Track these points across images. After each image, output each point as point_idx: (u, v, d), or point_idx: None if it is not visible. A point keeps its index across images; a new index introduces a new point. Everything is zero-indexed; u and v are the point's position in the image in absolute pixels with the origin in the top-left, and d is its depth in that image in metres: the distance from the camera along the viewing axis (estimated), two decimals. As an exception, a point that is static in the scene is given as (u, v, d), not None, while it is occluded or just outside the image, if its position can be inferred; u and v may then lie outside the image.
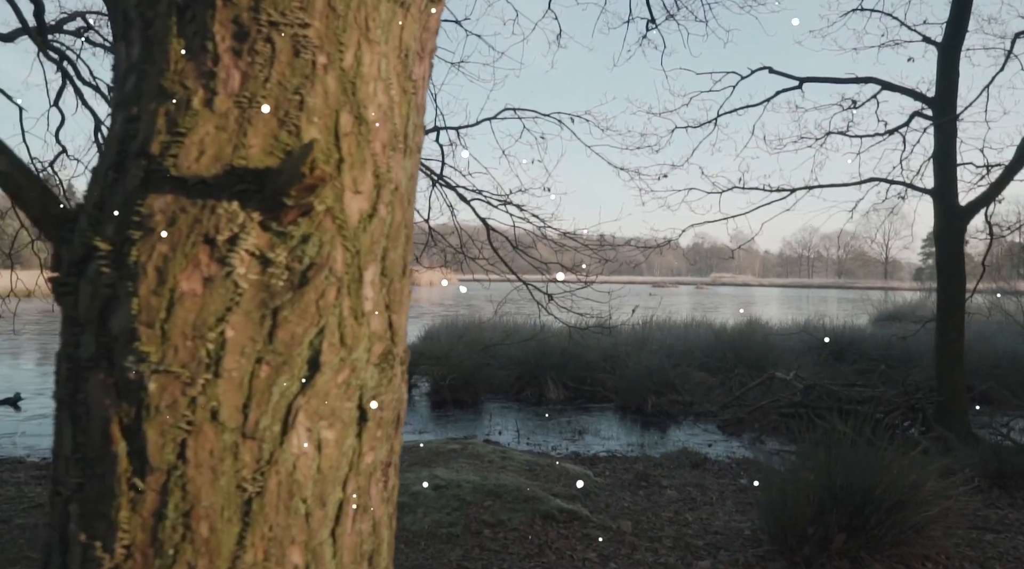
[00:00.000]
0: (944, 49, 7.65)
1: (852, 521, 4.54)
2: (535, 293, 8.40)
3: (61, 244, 0.92)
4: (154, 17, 0.89)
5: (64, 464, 0.88)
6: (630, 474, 6.78)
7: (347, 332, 0.91)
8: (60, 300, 0.90)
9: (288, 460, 0.88)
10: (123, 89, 0.91)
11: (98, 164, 0.92)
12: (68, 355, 0.88)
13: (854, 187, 8.92)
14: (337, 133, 0.91)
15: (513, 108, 7.66)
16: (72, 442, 0.87)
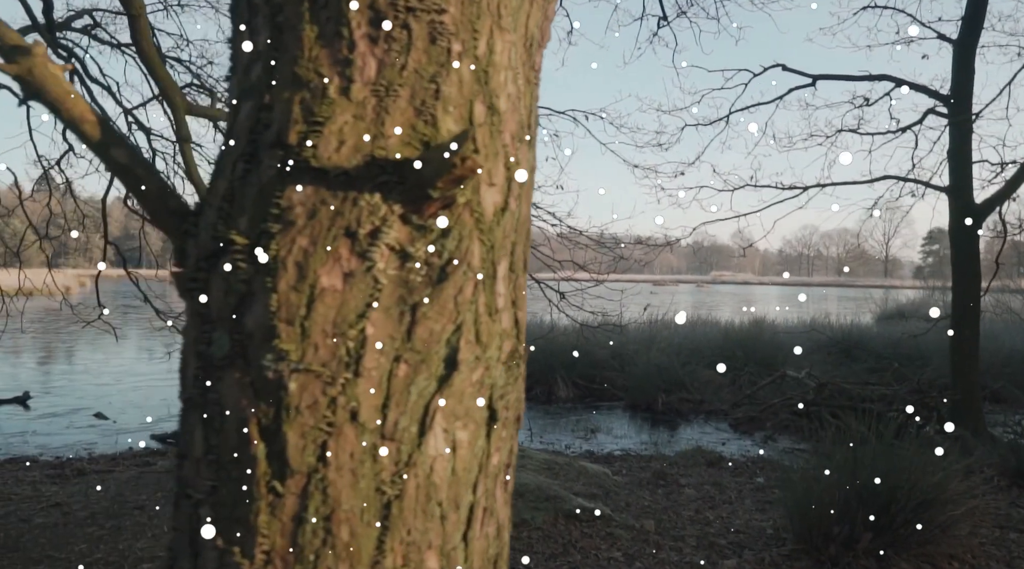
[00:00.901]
0: (959, 46, 7.62)
1: (878, 520, 4.52)
2: (547, 291, 8.37)
3: (185, 238, 0.89)
4: (283, 3, 0.86)
5: (194, 466, 0.85)
6: (647, 473, 6.76)
7: (482, 329, 0.88)
8: (187, 296, 0.87)
9: (426, 462, 0.85)
10: (248, 78, 0.88)
11: (221, 155, 0.89)
12: (199, 353, 0.84)
13: (866, 185, 8.91)
14: (472, 123, 0.88)
15: (527, 105, 7.59)
16: (204, 443, 0.84)
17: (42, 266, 9.90)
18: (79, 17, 9.27)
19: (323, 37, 0.84)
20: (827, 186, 8.81)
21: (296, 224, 0.81)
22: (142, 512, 5.18)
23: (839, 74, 8.56)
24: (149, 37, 5.77)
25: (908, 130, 8.87)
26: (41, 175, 10.64)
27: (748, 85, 9.01)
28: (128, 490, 5.77)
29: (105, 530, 4.83)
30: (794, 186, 8.89)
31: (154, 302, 8.60)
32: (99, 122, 0.90)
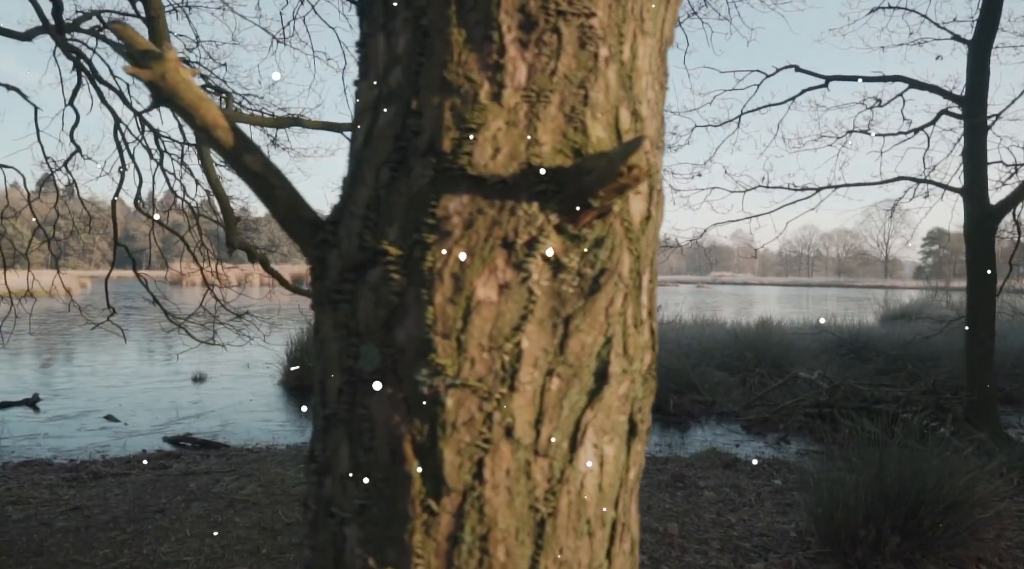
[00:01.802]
0: (974, 46, 7.61)
1: (906, 523, 4.51)
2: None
3: (323, 248, 0.86)
4: (426, 6, 0.83)
5: (339, 484, 0.82)
6: (665, 475, 6.74)
7: (629, 341, 0.86)
8: (328, 307, 0.84)
9: (577, 478, 0.83)
10: (386, 82, 0.86)
11: (357, 162, 0.87)
12: (345, 368, 0.82)
13: (877, 186, 8.90)
14: (618, 130, 0.86)
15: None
16: (350, 461, 0.81)
17: (41, 267, 9.83)
18: (87, 18, 9.24)
19: (471, 41, 0.81)
20: (840, 187, 8.80)
21: (452, 234, 0.78)
22: (163, 516, 5.15)
23: (852, 75, 8.55)
24: (167, 39, 5.74)
25: (920, 131, 8.86)
26: (42, 176, 10.60)
27: (760, 86, 9.00)
28: (147, 493, 5.74)
29: (128, 534, 4.80)
30: (806, 187, 8.88)
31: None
32: (232, 128, 0.88)
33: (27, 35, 8.13)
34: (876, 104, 9.09)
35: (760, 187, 9.16)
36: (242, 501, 5.45)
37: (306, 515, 0.88)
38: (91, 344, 16.41)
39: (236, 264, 10.60)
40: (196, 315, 8.98)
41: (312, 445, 0.89)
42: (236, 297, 9.54)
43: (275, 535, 4.80)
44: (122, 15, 9.66)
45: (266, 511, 5.23)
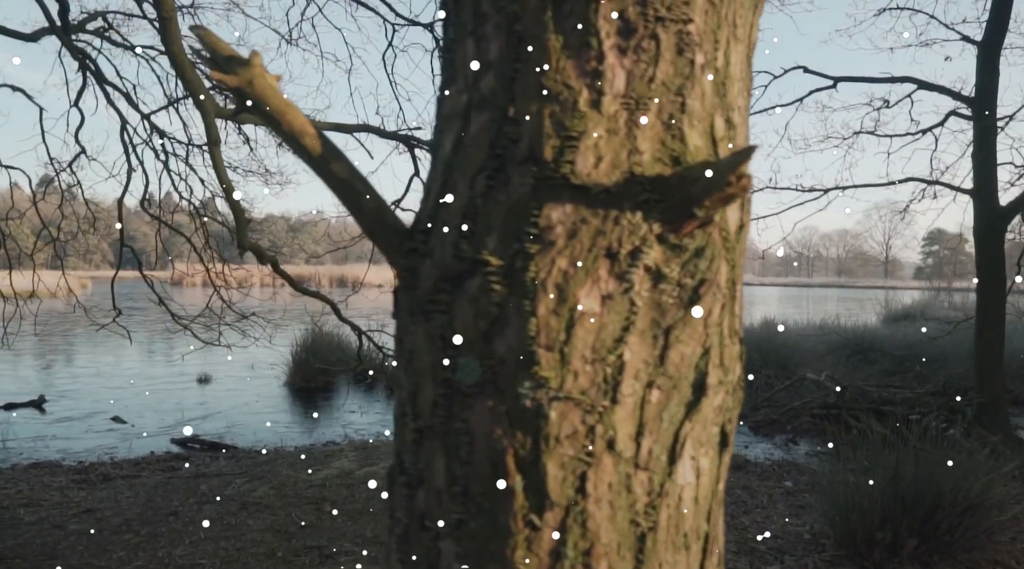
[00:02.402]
0: (984, 48, 7.61)
1: (923, 526, 4.50)
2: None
3: (414, 257, 0.85)
4: (521, 12, 0.82)
5: (434, 497, 0.81)
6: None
7: (725, 352, 0.85)
8: (421, 317, 0.83)
9: (675, 491, 0.81)
10: (477, 88, 0.84)
11: (447, 169, 0.85)
12: (441, 380, 0.80)
13: (884, 187, 8.89)
14: (713, 138, 0.84)
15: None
16: (447, 474, 0.80)
17: (41, 268, 9.80)
18: (93, 19, 9.22)
19: (569, 47, 0.80)
20: (848, 188, 8.80)
21: (556, 244, 0.77)
22: (176, 518, 5.13)
23: (861, 76, 8.55)
24: (180, 40, 5.72)
25: (928, 132, 8.86)
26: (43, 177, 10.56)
27: (768, 87, 9.00)
28: (158, 496, 5.72)
29: (141, 537, 4.78)
30: (814, 188, 8.87)
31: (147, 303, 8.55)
32: (319, 136, 0.86)
33: (33, 36, 8.12)
34: (884, 105, 9.09)
35: (768, 188, 9.16)
36: (254, 504, 5.44)
37: (394, 528, 0.87)
38: (94, 345, 16.39)
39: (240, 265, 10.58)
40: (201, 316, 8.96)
41: (400, 457, 0.87)
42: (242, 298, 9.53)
43: (290, 538, 4.78)
44: (127, 15, 9.63)
45: (279, 514, 5.21)
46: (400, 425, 0.88)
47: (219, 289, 9.08)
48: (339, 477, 6.03)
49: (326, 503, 5.41)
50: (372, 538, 4.76)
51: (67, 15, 7.48)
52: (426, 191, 0.90)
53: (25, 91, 9.41)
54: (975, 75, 7.68)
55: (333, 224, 22.68)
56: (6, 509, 5.46)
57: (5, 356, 13.64)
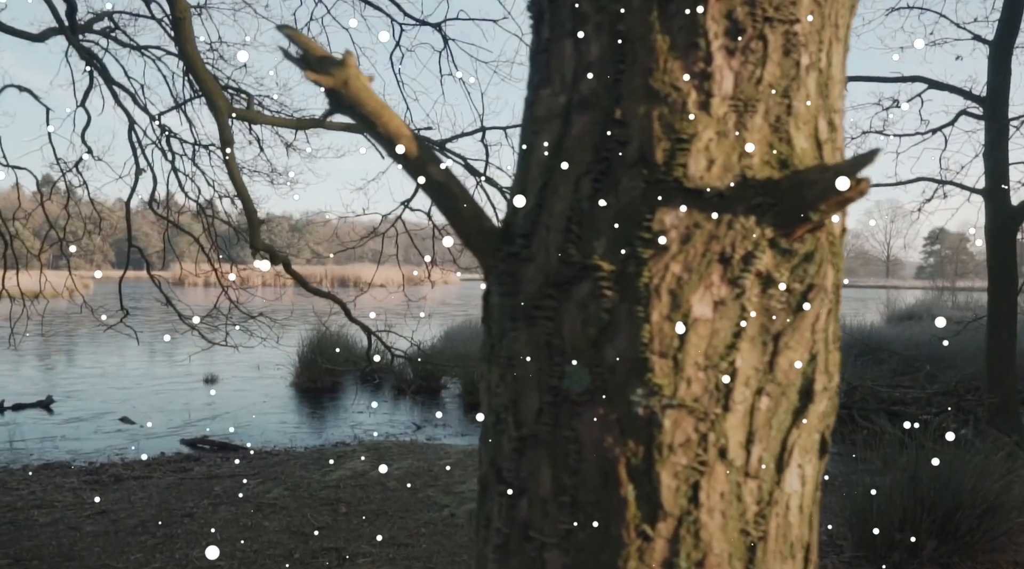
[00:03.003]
0: (996, 47, 7.59)
1: (943, 527, 4.48)
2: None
3: (514, 262, 0.83)
4: (624, 12, 0.80)
5: (539, 507, 0.79)
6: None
7: (829, 358, 0.83)
8: (525, 324, 0.81)
9: (783, 500, 0.80)
10: (577, 90, 0.83)
11: (549, 173, 0.83)
12: (548, 387, 0.79)
13: (893, 186, 8.88)
14: (818, 140, 0.83)
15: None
16: (553, 484, 0.78)
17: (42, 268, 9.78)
18: (99, 19, 9.21)
19: (676, 48, 0.79)
20: (858, 188, 8.77)
21: (670, 249, 0.75)
22: (191, 520, 5.11)
23: (872, 76, 8.53)
24: (193, 40, 5.70)
25: (939, 132, 8.85)
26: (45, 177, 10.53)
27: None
28: (172, 497, 5.70)
29: (158, 539, 4.77)
30: (824, 188, 8.84)
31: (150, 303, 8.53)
32: (415, 138, 0.85)
33: (40, 36, 8.11)
34: (893, 105, 9.07)
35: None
36: (269, 505, 5.42)
37: (490, 538, 0.85)
38: (99, 345, 16.38)
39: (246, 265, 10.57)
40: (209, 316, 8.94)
41: (495, 465, 0.85)
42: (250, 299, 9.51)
43: (306, 539, 4.77)
44: (134, 15, 9.61)
45: (295, 515, 5.20)
46: (495, 433, 0.86)
47: (227, 289, 9.07)
48: (353, 478, 6.01)
49: (341, 504, 5.40)
50: (389, 540, 4.75)
51: (75, 15, 7.46)
52: (517, 194, 0.88)
53: (32, 91, 9.41)
54: (987, 74, 7.66)
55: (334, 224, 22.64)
56: (20, 510, 5.45)
57: (11, 356, 13.63)
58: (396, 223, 7.83)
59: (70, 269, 9.88)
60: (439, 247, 8.85)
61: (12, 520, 5.20)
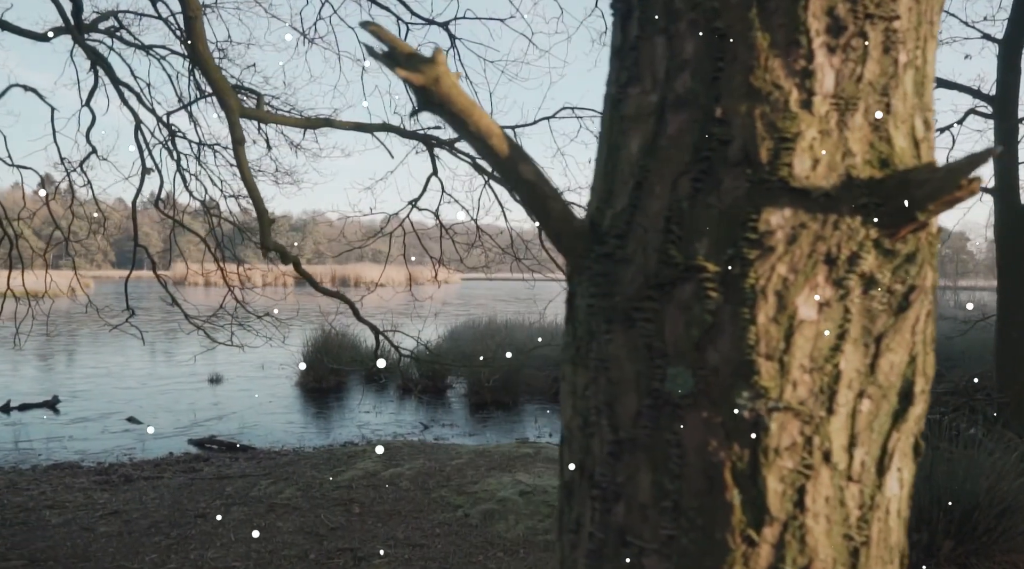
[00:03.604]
0: (1005, 46, 7.58)
1: (960, 527, 4.48)
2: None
3: (606, 262, 0.82)
4: (721, 9, 0.79)
5: (638, 512, 0.78)
6: (700, 477, 6.71)
7: (927, 360, 0.82)
8: (622, 327, 0.80)
9: (884, 504, 0.79)
10: (671, 88, 0.82)
11: (644, 172, 0.82)
12: (649, 390, 0.78)
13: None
14: (915, 139, 0.82)
15: (572, 107, 7.54)
16: (653, 489, 0.77)
17: (42, 268, 9.77)
18: (105, 19, 9.20)
19: (776, 46, 0.77)
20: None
21: (776, 250, 0.74)
22: (205, 520, 5.10)
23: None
24: (205, 39, 5.69)
25: (947, 130, 8.84)
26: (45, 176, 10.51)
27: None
28: (184, 497, 5.69)
29: (171, 539, 4.75)
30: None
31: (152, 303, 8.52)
32: (506, 137, 0.84)
33: (46, 36, 8.09)
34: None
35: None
36: (282, 505, 5.41)
37: (581, 543, 0.84)
38: (102, 345, 16.36)
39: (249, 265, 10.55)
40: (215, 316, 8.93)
41: (584, 469, 0.84)
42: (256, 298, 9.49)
43: (321, 540, 4.76)
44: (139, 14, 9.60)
45: (308, 515, 5.19)
46: (583, 436, 0.85)
47: (232, 289, 9.06)
48: (364, 478, 6.00)
49: (354, 504, 5.39)
50: (404, 540, 4.74)
51: (81, 14, 7.44)
52: (602, 193, 0.87)
53: (37, 91, 9.40)
54: (996, 73, 7.66)
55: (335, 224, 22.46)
56: (32, 511, 5.43)
57: (15, 356, 13.61)
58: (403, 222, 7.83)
59: (75, 269, 9.87)
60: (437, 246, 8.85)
61: (24, 520, 5.19)
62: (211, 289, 14.21)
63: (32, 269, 9.83)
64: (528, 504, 5.16)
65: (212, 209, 9.51)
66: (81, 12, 7.55)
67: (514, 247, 8.57)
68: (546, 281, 8.62)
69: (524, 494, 5.27)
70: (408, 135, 7.43)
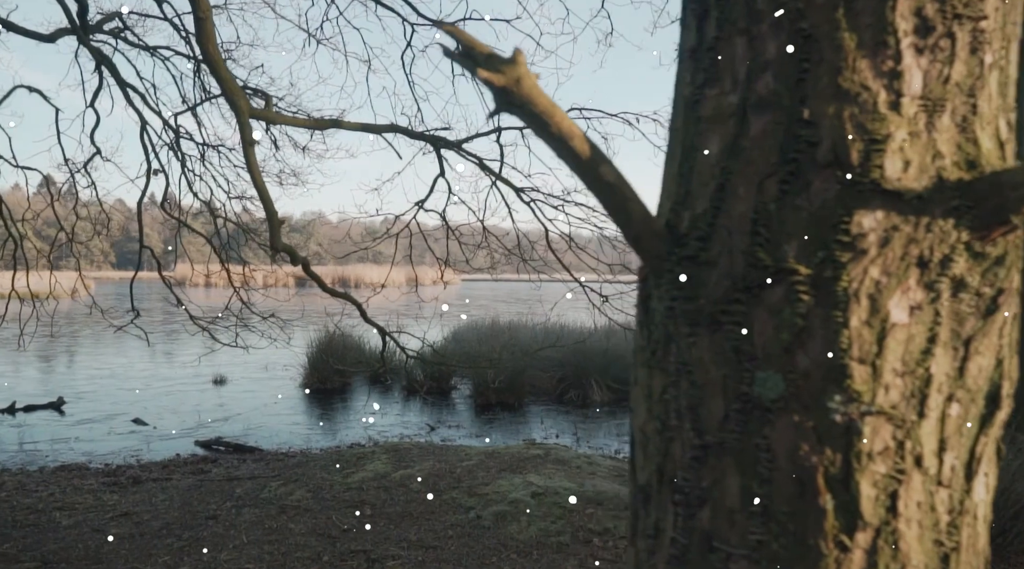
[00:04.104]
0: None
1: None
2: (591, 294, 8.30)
3: (688, 265, 0.81)
4: (806, 9, 0.78)
5: (726, 517, 0.77)
6: (709, 479, 6.70)
7: (1012, 363, 0.82)
8: (708, 330, 0.79)
9: (972, 509, 0.78)
10: (752, 89, 0.81)
11: (726, 174, 0.82)
12: (737, 394, 0.77)
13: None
14: (1000, 141, 0.81)
15: (579, 108, 7.53)
16: (742, 493, 0.77)
17: (43, 269, 9.74)
18: (109, 20, 9.19)
19: (863, 46, 0.77)
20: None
21: (868, 252, 0.74)
22: (216, 522, 5.09)
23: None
24: (215, 39, 5.67)
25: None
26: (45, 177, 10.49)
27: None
28: (194, 499, 5.67)
29: (184, 541, 4.74)
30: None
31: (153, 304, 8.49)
32: (587, 138, 0.83)
33: (51, 37, 8.08)
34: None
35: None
36: (293, 507, 5.40)
37: (661, 548, 0.83)
38: (104, 346, 16.33)
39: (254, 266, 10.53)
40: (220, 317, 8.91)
41: (664, 473, 0.84)
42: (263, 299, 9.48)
43: (333, 542, 4.74)
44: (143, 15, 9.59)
45: (320, 517, 5.17)
46: (663, 441, 0.84)
47: (238, 290, 9.05)
48: (374, 480, 5.99)
49: (365, 506, 5.37)
50: (417, 542, 4.73)
51: (86, 15, 7.44)
52: (680, 195, 0.87)
53: (42, 92, 9.38)
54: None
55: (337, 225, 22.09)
56: (42, 512, 5.42)
57: (19, 357, 13.59)
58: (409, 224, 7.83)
59: (80, 270, 9.86)
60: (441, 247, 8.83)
61: (35, 522, 5.17)
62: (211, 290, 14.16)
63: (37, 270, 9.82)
64: (540, 506, 5.15)
65: (217, 211, 9.51)
66: (87, 13, 7.54)
67: (520, 248, 8.57)
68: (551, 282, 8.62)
69: (536, 496, 5.26)
70: (416, 136, 7.42)
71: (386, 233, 8.13)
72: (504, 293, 42.24)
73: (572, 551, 4.62)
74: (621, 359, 11.16)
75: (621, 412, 10.32)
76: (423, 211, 7.59)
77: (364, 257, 46.74)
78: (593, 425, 9.59)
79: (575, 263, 8.67)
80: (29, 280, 9.18)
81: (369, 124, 7.28)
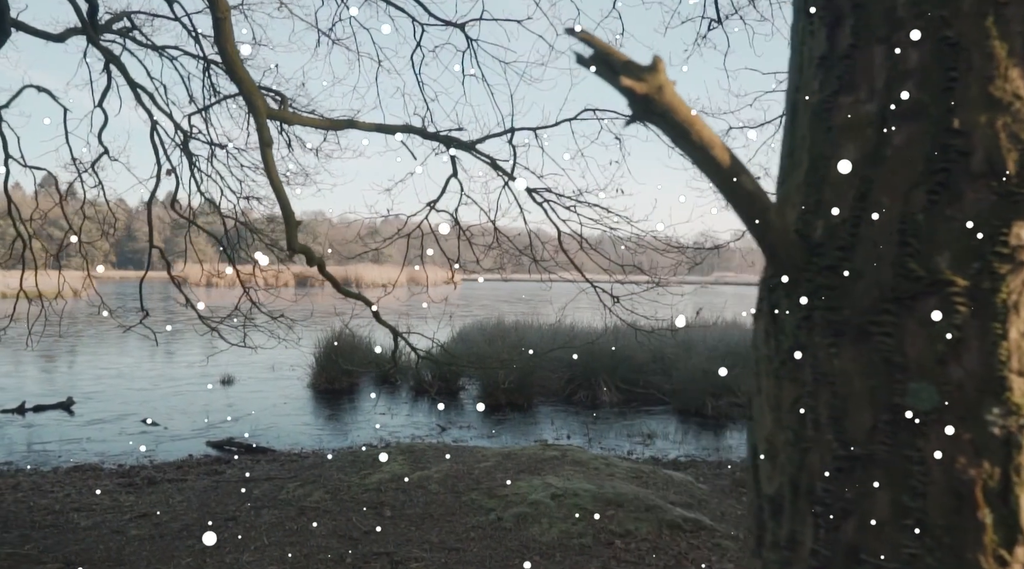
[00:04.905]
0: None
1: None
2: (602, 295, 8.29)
3: (829, 274, 0.81)
4: (951, 17, 0.78)
5: (875, 530, 0.77)
6: (725, 480, 6.69)
7: None
8: (852, 340, 0.78)
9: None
10: (892, 97, 0.80)
11: (867, 183, 0.81)
12: (886, 406, 0.76)
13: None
14: None
15: (593, 109, 7.52)
16: (893, 506, 0.76)
17: (44, 268, 9.72)
18: (118, 19, 9.18)
19: (1014, 54, 0.76)
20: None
21: (1026, 263, 0.73)
22: (236, 524, 5.08)
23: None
24: (233, 39, 5.66)
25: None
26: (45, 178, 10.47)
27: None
28: (211, 500, 5.66)
29: (204, 543, 4.73)
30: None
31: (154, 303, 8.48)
32: (726, 148, 0.82)
33: (61, 37, 8.06)
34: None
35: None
36: (312, 508, 5.39)
37: (803, 560, 0.82)
38: (109, 346, 16.30)
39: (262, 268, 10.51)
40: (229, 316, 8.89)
41: (807, 484, 0.83)
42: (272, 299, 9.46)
43: (355, 544, 4.73)
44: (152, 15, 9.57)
45: (340, 519, 5.16)
46: (799, 451, 0.83)
47: (248, 290, 9.03)
48: (392, 481, 5.98)
49: (385, 507, 5.36)
50: (439, 544, 4.72)
51: (96, 15, 7.42)
52: (811, 204, 0.86)
53: (51, 92, 9.36)
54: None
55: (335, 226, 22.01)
56: (60, 513, 5.41)
57: (26, 357, 13.57)
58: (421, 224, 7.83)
59: (88, 270, 9.84)
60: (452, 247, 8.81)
61: (53, 523, 5.16)
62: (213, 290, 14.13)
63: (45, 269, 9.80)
64: (560, 507, 5.14)
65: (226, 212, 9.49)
66: (96, 12, 7.52)
67: (532, 249, 8.56)
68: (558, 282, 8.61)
69: (556, 497, 5.25)
70: (430, 137, 7.41)
71: (397, 233, 8.12)
72: (506, 293, 42.23)
73: (595, 553, 4.61)
74: (629, 359, 11.15)
75: (630, 413, 10.32)
76: (436, 212, 7.59)
77: (364, 257, 46.76)
78: (604, 426, 9.58)
79: (585, 263, 8.67)
80: (38, 280, 9.16)
81: (384, 124, 7.26)
